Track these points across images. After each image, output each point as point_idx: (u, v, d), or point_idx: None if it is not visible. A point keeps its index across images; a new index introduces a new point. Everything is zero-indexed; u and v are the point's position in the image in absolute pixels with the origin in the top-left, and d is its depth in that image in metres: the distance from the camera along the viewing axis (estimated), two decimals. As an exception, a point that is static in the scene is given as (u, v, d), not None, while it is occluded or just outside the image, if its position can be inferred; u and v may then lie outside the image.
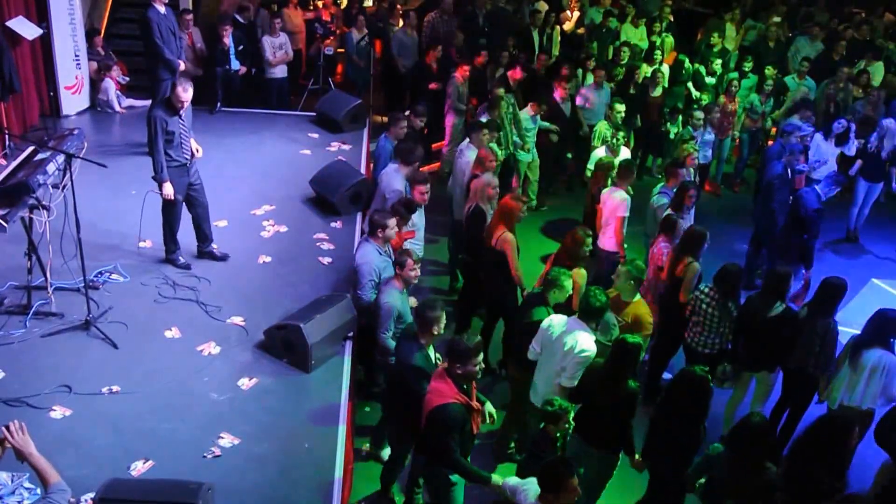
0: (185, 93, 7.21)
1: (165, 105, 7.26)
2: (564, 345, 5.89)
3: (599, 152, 9.76)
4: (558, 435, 5.36)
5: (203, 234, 7.82)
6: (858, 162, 10.75)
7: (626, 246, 8.60)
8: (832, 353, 6.67)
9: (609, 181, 8.98)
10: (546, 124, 10.86)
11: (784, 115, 12.03)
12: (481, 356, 5.09)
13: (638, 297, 6.76)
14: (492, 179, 8.00)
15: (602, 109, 11.48)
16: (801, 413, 6.90)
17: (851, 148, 10.84)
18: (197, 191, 7.65)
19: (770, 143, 12.15)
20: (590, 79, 12.05)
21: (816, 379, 6.74)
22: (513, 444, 6.90)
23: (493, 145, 9.26)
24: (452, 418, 4.93)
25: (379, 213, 6.90)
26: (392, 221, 6.74)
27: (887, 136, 10.75)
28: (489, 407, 5.55)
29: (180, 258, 7.68)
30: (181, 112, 7.29)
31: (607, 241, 8.39)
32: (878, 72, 13.43)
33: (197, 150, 7.61)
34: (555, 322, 6.07)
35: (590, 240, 7.07)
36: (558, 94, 11.12)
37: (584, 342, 5.83)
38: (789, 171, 9.25)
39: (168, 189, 7.33)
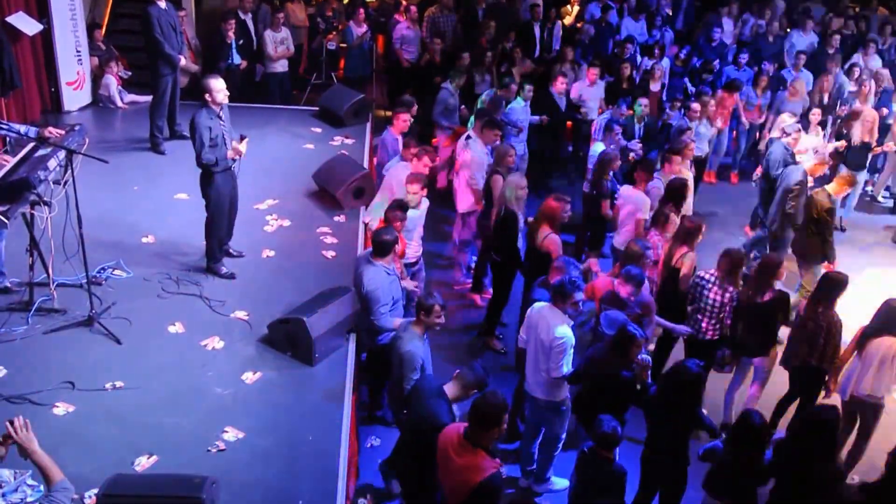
0: (222, 89, 7.11)
1: (206, 109, 7.08)
2: (541, 334, 6.00)
3: (599, 146, 9.71)
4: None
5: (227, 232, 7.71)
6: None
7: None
8: (838, 345, 6.67)
9: (611, 173, 8.97)
10: (534, 118, 10.81)
11: None
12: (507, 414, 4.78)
13: None
14: (521, 179, 7.89)
15: (596, 106, 11.50)
16: (810, 407, 6.88)
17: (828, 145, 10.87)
18: (233, 190, 7.52)
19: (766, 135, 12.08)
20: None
21: (823, 372, 6.73)
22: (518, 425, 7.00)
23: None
24: (498, 489, 4.62)
25: (387, 232, 6.62)
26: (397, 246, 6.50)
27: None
28: None
29: (223, 268, 7.53)
30: (221, 113, 7.17)
31: (623, 242, 8.28)
32: (877, 65, 13.41)
33: (238, 145, 7.33)
34: (535, 309, 6.16)
35: (568, 206, 7.39)
36: (555, 88, 11.09)
37: (559, 330, 5.89)
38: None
39: (240, 147, 7.20)
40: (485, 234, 8.54)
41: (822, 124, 11.85)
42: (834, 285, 6.71)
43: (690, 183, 8.73)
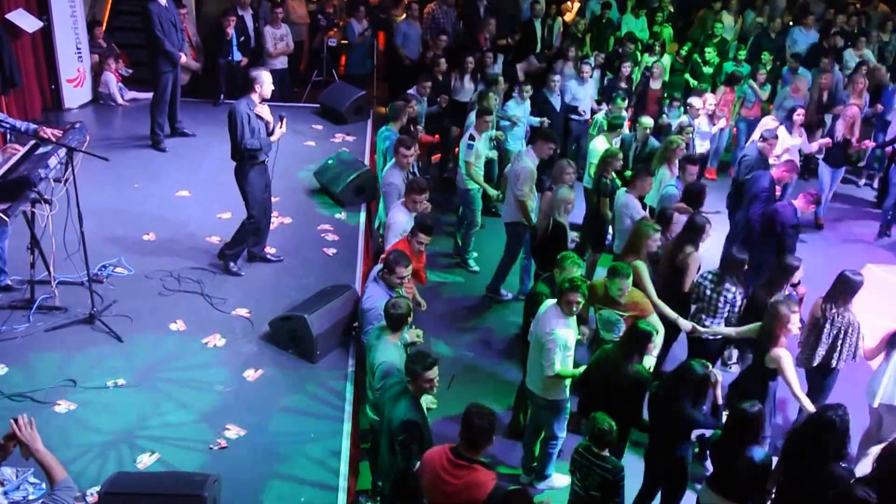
0: (270, 82, 7.15)
1: (248, 100, 7.07)
2: (539, 330, 6.00)
3: (598, 143, 9.57)
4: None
5: (260, 235, 7.67)
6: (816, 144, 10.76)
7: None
8: (856, 343, 6.61)
9: (612, 171, 8.89)
10: (534, 119, 10.77)
11: None
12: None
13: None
14: (569, 193, 7.65)
15: (589, 104, 11.49)
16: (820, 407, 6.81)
17: (813, 145, 10.80)
18: (267, 190, 7.52)
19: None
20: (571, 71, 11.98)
21: (836, 372, 6.68)
22: (522, 421, 6.96)
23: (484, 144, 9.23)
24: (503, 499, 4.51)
25: (395, 254, 6.25)
26: (403, 270, 6.10)
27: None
28: None
29: (232, 264, 7.52)
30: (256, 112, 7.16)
31: (620, 246, 8.11)
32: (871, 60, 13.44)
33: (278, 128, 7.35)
34: (543, 307, 6.15)
35: (658, 235, 7.08)
36: (548, 87, 11.08)
37: (556, 327, 5.87)
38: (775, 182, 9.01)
39: (280, 130, 7.28)
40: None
41: (822, 123, 11.84)
42: (848, 285, 6.65)
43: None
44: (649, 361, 6.42)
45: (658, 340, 6.32)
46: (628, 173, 8.93)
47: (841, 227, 11.29)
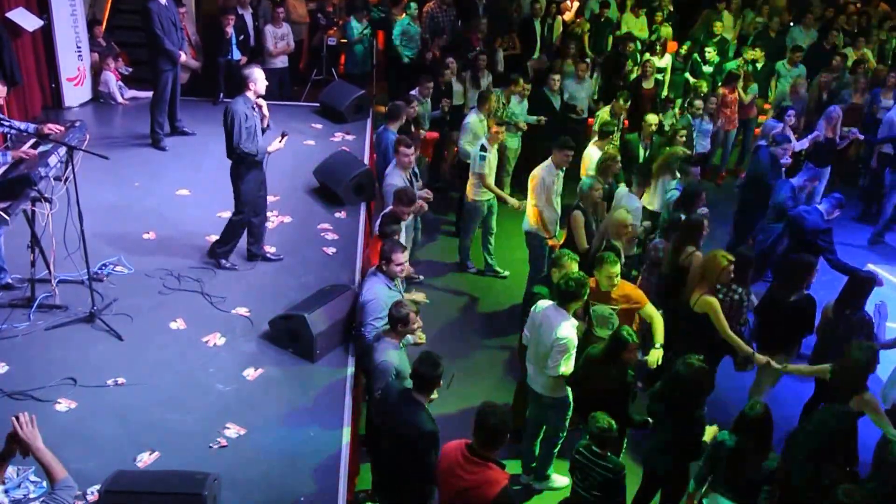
0: (264, 79, 7.13)
1: (243, 99, 7.06)
2: (543, 332, 5.98)
3: (591, 152, 9.31)
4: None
5: (258, 233, 7.68)
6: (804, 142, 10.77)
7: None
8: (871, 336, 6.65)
9: (614, 174, 8.85)
10: (532, 118, 10.76)
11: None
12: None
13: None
14: (627, 217, 7.35)
15: (586, 103, 11.47)
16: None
17: (803, 142, 10.80)
18: (262, 188, 7.52)
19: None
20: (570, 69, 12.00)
21: None
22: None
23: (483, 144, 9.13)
24: (514, 499, 4.61)
25: (389, 243, 6.37)
26: (400, 256, 6.20)
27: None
28: None
29: (224, 260, 7.54)
30: (255, 105, 7.16)
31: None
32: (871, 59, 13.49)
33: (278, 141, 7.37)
34: (540, 307, 6.13)
35: (732, 266, 6.63)
36: (548, 86, 11.09)
37: (562, 330, 5.86)
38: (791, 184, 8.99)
39: (277, 143, 7.24)
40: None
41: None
42: (863, 286, 6.65)
43: None
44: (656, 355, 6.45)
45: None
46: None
47: (838, 228, 11.25)
